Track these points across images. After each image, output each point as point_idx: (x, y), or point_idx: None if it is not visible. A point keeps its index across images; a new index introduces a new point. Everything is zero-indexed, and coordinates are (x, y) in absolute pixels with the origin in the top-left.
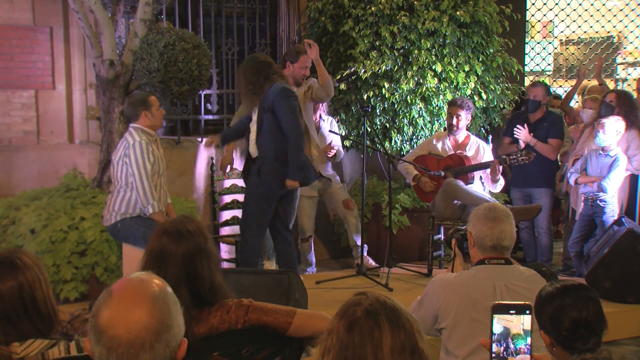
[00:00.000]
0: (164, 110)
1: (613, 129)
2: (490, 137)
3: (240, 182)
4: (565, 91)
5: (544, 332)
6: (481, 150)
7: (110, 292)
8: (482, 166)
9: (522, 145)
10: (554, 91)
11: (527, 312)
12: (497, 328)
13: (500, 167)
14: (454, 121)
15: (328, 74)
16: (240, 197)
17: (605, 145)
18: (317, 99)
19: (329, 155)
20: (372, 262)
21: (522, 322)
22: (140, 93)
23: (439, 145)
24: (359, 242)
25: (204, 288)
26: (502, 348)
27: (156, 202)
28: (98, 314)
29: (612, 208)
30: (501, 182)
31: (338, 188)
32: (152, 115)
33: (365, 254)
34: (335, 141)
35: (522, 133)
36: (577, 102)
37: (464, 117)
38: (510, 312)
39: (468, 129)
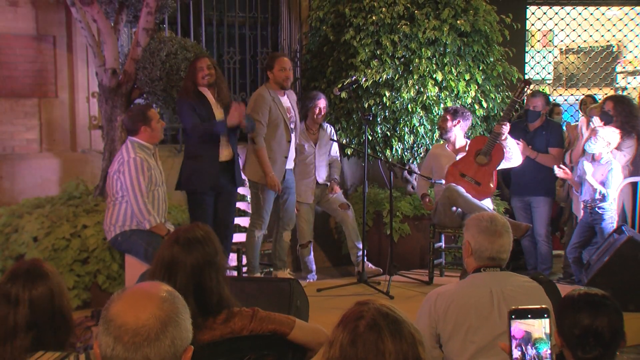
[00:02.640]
0: (165, 122)
1: (604, 139)
2: None
3: (241, 190)
4: (566, 100)
5: (557, 333)
6: None
7: (123, 289)
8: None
9: (522, 157)
10: (553, 99)
11: (546, 315)
12: (518, 333)
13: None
14: (440, 123)
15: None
16: (240, 205)
17: (594, 154)
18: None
19: (331, 195)
20: (372, 266)
21: (544, 326)
22: (139, 106)
23: (440, 153)
24: (357, 245)
25: (212, 300)
26: (523, 353)
27: (152, 216)
28: (109, 307)
29: (611, 215)
30: (518, 157)
31: (335, 194)
32: (152, 129)
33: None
34: (335, 149)
35: (519, 148)
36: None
37: (449, 120)
38: (528, 316)
39: (468, 137)
